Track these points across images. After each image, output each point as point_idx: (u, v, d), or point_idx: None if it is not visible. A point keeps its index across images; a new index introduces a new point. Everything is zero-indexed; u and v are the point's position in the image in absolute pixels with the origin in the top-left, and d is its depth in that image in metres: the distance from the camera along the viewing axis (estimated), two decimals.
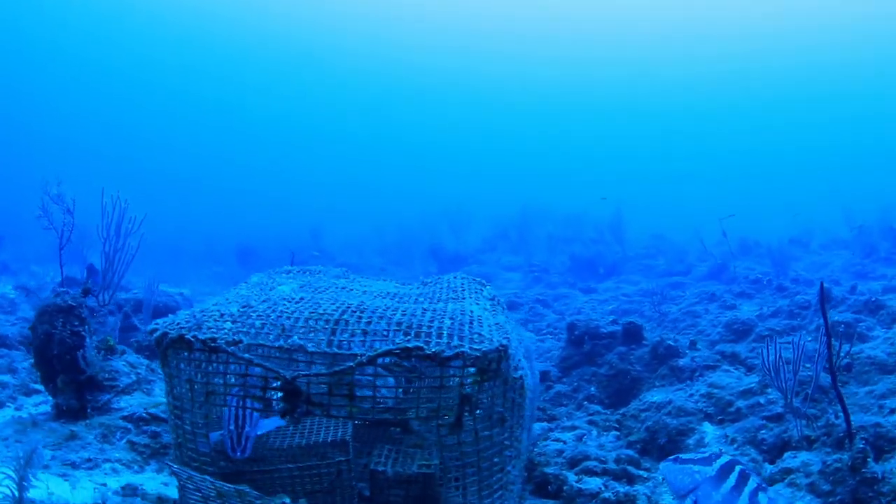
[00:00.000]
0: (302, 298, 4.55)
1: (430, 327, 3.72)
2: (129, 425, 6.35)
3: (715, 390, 6.78)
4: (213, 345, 3.90)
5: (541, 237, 24.31)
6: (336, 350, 3.72)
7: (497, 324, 4.02)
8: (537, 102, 77.74)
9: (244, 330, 3.99)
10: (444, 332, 3.65)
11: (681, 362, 7.81)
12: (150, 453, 6.01)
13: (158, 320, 4.23)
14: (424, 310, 4.06)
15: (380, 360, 3.73)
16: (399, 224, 29.28)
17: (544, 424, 7.13)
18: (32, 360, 7.15)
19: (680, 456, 3.74)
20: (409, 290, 5.08)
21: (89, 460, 5.74)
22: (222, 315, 4.23)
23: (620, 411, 7.34)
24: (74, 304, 6.95)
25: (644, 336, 8.60)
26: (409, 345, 3.55)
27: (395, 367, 4.36)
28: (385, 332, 3.74)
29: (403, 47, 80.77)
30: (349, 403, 3.64)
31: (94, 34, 71.21)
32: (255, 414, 4.25)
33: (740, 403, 6.48)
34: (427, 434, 4.99)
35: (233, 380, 3.91)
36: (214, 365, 3.96)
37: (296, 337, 3.87)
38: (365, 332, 3.79)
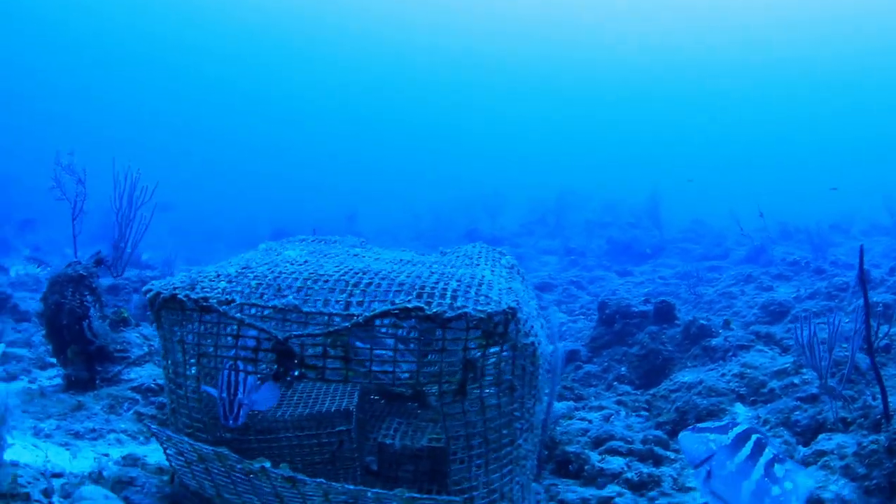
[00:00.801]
0: (306, 262, 4.30)
1: (433, 288, 3.43)
2: (137, 396, 6.17)
3: (748, 370, 6.41)
4: (204, 304, 3.67)
5: (578, 222, 24.08)
6: (332, 310, 3.45)
7: (509, 288, 3.72)
8: (576, 87, 76.92)
9: (238, 290, 3.75)
10: (448, 293, 3.36)
11: (713, 342, 7.43)
12: (157, 424, 5.82)
13: (154, 281, 4.01)
14: (432, 272, 3.77)
15: (392, 333, 3.47)
16: (435, 209, 29.09)
17: (570, 404, 6.82)
18: (44, 332, 7.02)
19: (697, 425, 3.48)
20: (424, 258, 4.80)
21: (93, 430, 5.56)
22: (218, 276, 4.00)
23: (650, 392, 7.02)
24: (85, 274, 6.79)
25: (676, 316, 8.23)
26: (409, 305, 3.27)
27: (402, 335, 4.08)
28: (385, 293, 3.45)
29: (441, 32, 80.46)
30: (344, 367, 3.38)
31: (131, 19, 71.73)
32: (250, 380, 4.00)
33: (774, 384, 6.12)
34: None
35: (225, 341, 3.68)
36: (206, 326, 3.73)
37: (291, 297, 3.61)
38: (364, 293, 3.51)
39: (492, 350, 3.40)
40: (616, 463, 4.93)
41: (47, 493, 3.45)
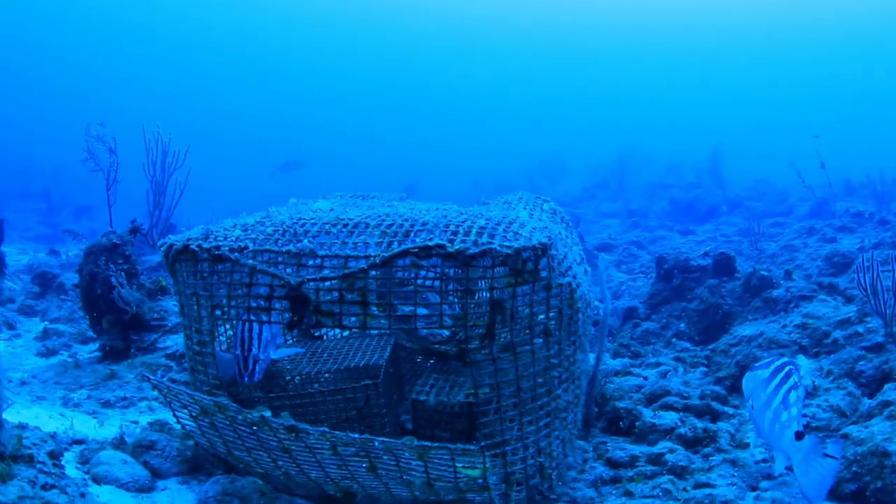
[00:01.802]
0: (332, 209, 4.05)
1: (458, 227, 3.12)
2: (172, 363, 6.03)
3: (810, 320, 5.98)
4: (216, 253, 3.44)
5: (640, 184, 23.52)
6: (350, 252, 3.17)
7: (544, 227, 3.39)
8: (633, 50, 75.36)
9: (252, 237, 3.51)
10: (474, 231, 3.06)
11: (775, 293, 6.98)
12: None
13: (171, 235, 3.80)
14: (461, 213, 3.47)
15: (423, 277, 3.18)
16: (495, 177, 28.67)
17: (626, 360, 6.48)
18: (80, 304, 6.93)
19: (755, 364, 3.54)
20: (461, 208, 4.50)
21: (124, 399, 5.43)
22: (235, 225, 3.77)
23: (710, 347, 6.65)
24: (119, 243, 6.66)
25: (736, 268, 7.78)
26: (430, 243, 2.97)
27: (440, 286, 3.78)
28: (407, 234, 3.16)
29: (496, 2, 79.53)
30: (362, 312, 3.10)
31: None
32: (265, 335, 3.76)
33: (837, 334, 5.68)
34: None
35: (238, 291, 3.44)
36: (219, 275, 3.50)
37: (306, 241, 3.34)
38: (385, 234, 3.22)
39: (523, 290, 3.08)
40: (669, 418, 4.59)
41: (53, 454, 3.27)
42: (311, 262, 3.26)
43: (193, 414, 3.09)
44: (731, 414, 4.99)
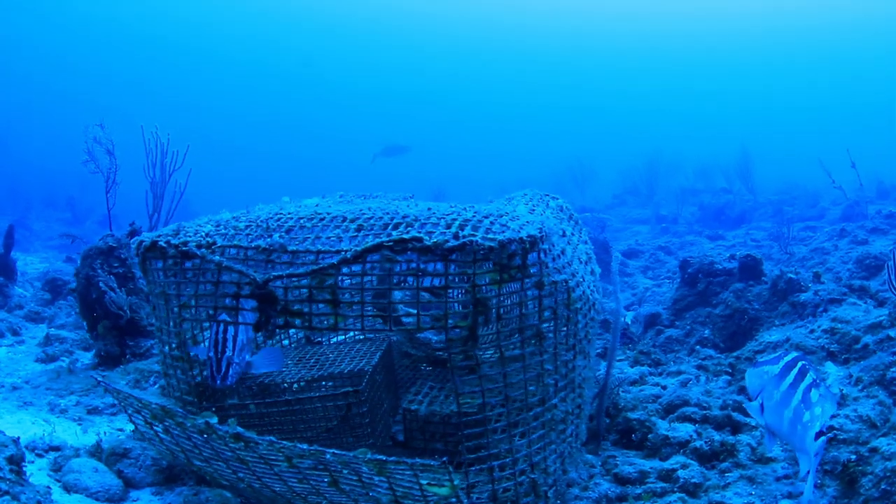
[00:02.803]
0: (317, 205, 3.78)
1: (440, 219, 2.83)
2: None
3: (839, 325, 5.58)
4: (184, 249, 3.18)
5: (671, 190, 23.01)
6: (321, 247, 2.88)
7: (540, 221, 3.08)
8: (664, 54, 74.66)
9: (223, 232, 3.24)
10: (457, 224, 2.75)
11: (803, 297, 6.59)
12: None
13: (146, 233, 3.56)
14: (451, 208, 3.17)
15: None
16: (524, 184, 28.28)
17: (644, 369, 6.13)
18: (78, 309, 6.73)
19: (759, 359, 3.53)
20: (458, 204, 4.21)
21: (113, 405, 5.22)
22: (209, 221, 3.50)
23: (734, 354, 6.28)
24: (115, 245, 6.44)
25: (763, 271, 7.39)
26: (406, 236, 2.67)
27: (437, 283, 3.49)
28: (384, 227, 2.87)
29: (518, 8, 79.22)
30: (333, 312, 2.80)
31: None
32: (241, 336, 3.49)
33: (868, 339, 5.30)
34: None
35: (205, 290, 3.17)
36: (188, 273, 3.24)
37: (276, 236, 3.06)
38: (360, 228, 2.93)
39: (511, 288, 2.77)
40: (684, 430, 4.23)
41: (13, 459, 3.03)
42: (282, 259, 2.99)
43: (146, 420, 2.82)
44: (754, 425, 4.62)
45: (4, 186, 27.28)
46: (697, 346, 7.01)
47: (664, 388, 5.28)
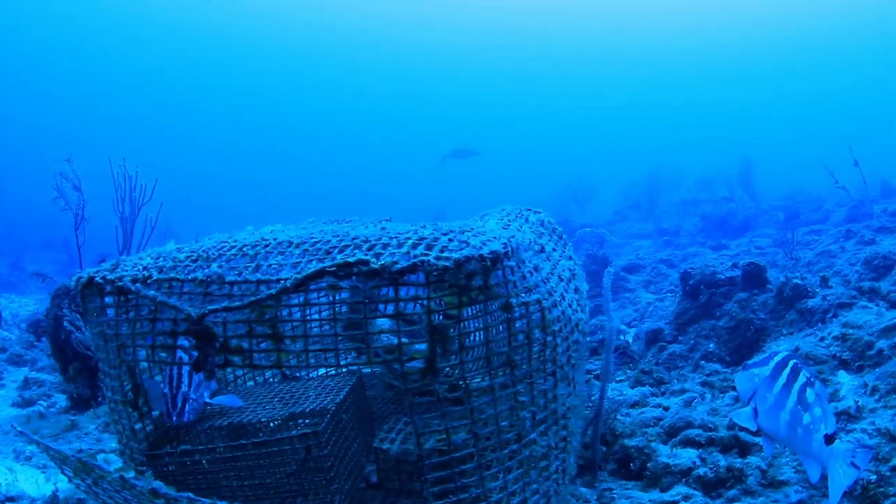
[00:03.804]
0: (272, 231, 3.48)
1: (392, 240, 2.51)
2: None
3: (850, 330, 5.23)
4: (118, 284, 2.88)
5: (672, 203, 22.75)
6: (261, 276, 2.57)
7: (509, 236, 2.76)
8: (659, 68, 74.69)
9: (161, 265, 2.93)
10: (409, 243, 2.43)
11: (810, 303, 6.24)
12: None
13: (87, 268, 3.26)
14: (410, 227, 2.86)
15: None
16: (524, 203, 27.94)
17: (646, 389, 5.77)
18: (49, 350, 6.44)
19: (747, 362, 3.24)
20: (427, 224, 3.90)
21: (80, 451, 4.90)
22: (150, 254, 3.20)
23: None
24: None
25: (767, 278, 7.04)
26: (351, 259, 2.36)
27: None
28: (329, 252, 2.55)
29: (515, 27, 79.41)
30: (275, 348, 2.49)
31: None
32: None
33: (882, 344, 4.94)
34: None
35: (142, 327, 2.88)
36: (123, 310, 2.94)
37: (215, 266, 2.75)
38: (305, 253, 2.62)
39: (473, 312, 2.45)
40: (687, 457, 3.89)
41: None
42: (220, 291, 2.68)
43: (72, 474, 2.51)
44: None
45: (1, 228, 27.10)
46: (702, 362, 6.66)
47: (666, 409, 4.93)
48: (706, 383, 5.85)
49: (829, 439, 2.85)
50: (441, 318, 2.35)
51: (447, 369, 2.45)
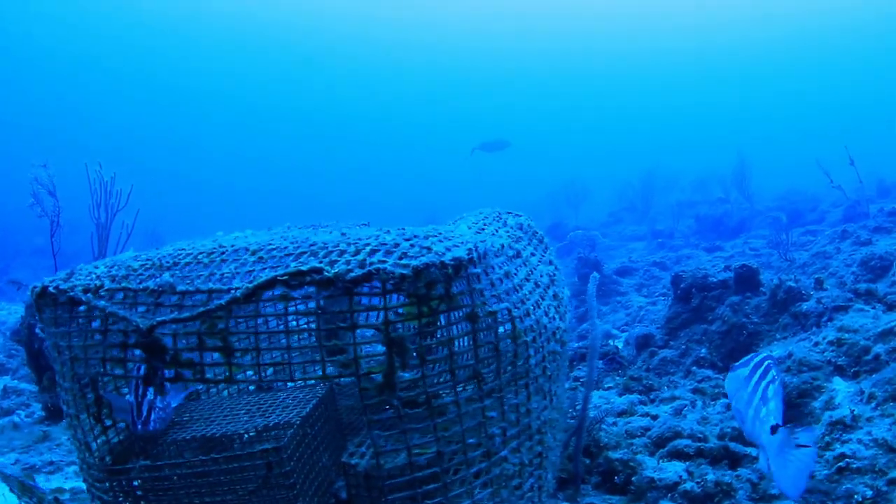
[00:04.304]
0: (235, 237, 3.32)
1: (349, 245, 2.36)
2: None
3: (846, 335, 5.06)
4: (70, 294, 2.74)
5: (667, 205, 22.58)
6: (213, 286, 2.42)
7: (479, 240, 2.61)
8: (652, 70, 74.60)
9: (114, 273, 2.78)
10: (367, 249, 2.28)
11: (804, 306, 6.08)
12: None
13: (46, 277, 3.11)
14: (372, 234, 2.71)
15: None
16: (517, 206, 27.78)
17: (634, 397, 5.62)
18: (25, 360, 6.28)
19: (734, 364, 3.31)
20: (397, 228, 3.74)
21: (52, 463, 4.80)
22: (106, 262, 3.05)
23: None
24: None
25: (761, 281, 6.88)
26: (304, 267, 2.21)
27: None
28: (282, 259, 2.40)
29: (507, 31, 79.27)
30: (226, 362, 2.34)
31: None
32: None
33: (879, 348, 4.78)
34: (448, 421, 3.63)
35: (94, 339, 2.74)
36: (77, 321, 2.80)
37: (167, 275, 2.61)
38: (261, 261, 2.47)
39: (435, 323, 2.30)
40: (674, 470, 3.73)
41: None
42: (170, 301, 2.53)
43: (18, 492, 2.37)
44: (756, 456, 4.12)
45: None
46: (694, 367, 6.51)
47: (655, 418, 4.78)
48: (697, 390, 5.71)
49: (774, 429, 2.97)
50: (401, 329, 2.19)
51: (409, 384, 2.29)
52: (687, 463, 3.87)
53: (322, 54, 78.81)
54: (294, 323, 3.37)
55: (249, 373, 3.24)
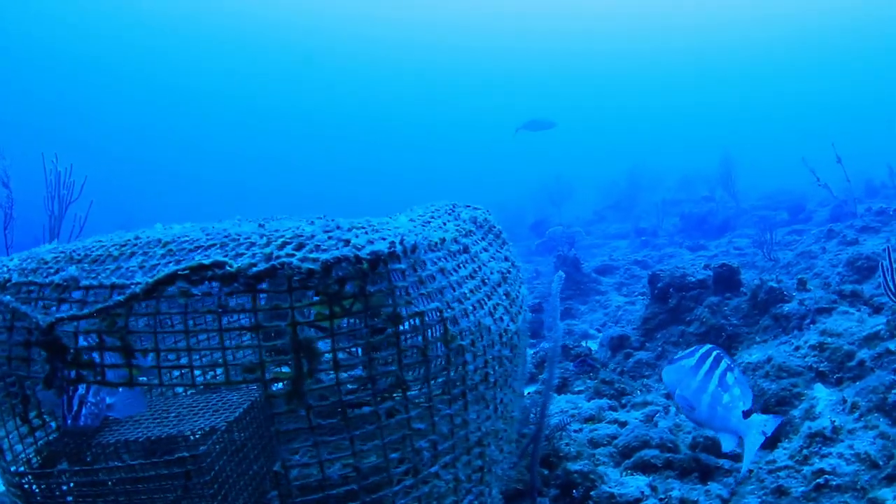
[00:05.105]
0: (164, 230, 3.10)
1: (262, 237, 2.15)
2: None
3: (829, 339, 4.83)
4: None
5: (653, 203, 22.34)
6: (116, 280, 2.21)
7: (409, 232, 2.40)
8: (639, 68, 74.44)
9: (24, 266, 2.58)
10: (278, 241, 2.07)
11: (786, 308, 5.85)
12: None
13: None
14: (295, 224, 2.49)
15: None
16: (501, 204, 27.60)
17: (603, 402, 5.40)
18: None
19: (673, 357, 3.57)
20: (348, 220, 3.51)
21: None
22: (21, 255, 2.85)
23: None
24: None
25: (741, 281, 6.65)
26: (206, 261, 1.99)
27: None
28: (190, 252, 2.19)
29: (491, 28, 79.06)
30: (126, 363, 2.13)
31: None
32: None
33: (863, 354, 4.56)
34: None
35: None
36: None
37: (73, 268, 2.39)
38: (170, 253, 2.26)
39: (351, 323, 2.09)
40: (635, 485, 3.52)
41: None
42: (74, 296, 2.32)
43: None
44: (728, 469, 3.92)
45: None
46: None
47: (623, 424, 4.55)
48: (671, 395, 5.49)
49: (747, 414, 3.20)
50: (310, 331, 1.98)
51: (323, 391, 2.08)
52: (652, 476, 3.66)
53: (322, 53, 78.52)
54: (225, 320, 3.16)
55: (175, 374, 3.03)
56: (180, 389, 3.66)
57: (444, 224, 3.07)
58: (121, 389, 3.32)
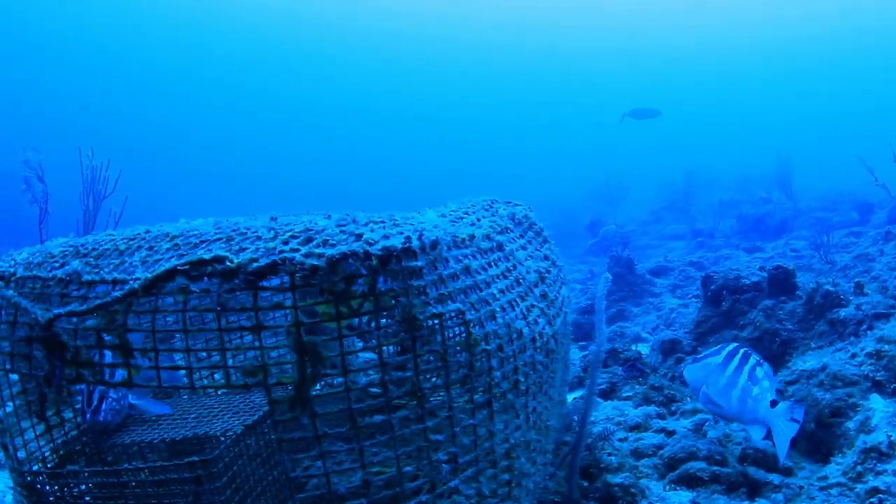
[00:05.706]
0: (180, 225, 2.99)
1: (270, 231, 2.00)
2: None
3: (886, 346, 4.54)
4: None
5: (710, 204, 21.87)
6: (118, 276, 2.08)
7: (420, 230, 2.22)
8: (697, 68, 73.28)
9: (31, 260, 2.48)
10: (285, 236, 1.92)
11: (843, 313, 5.54)
12: None
13: None
14: (309, 219, 2.35)
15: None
16: (557, 204, 27.32)
17: (651, 409, 5.16)
18: None
19: (696, 356, 3.65)
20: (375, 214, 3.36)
21: None
22: (32, 248, 2.76)
23: None
24: None
25: (796, 284, 6.33)
26: (206, 256, 1.85)
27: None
28: (195, 247, 2.05)
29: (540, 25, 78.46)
30: (124, 362, 2.00)
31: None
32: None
33: None
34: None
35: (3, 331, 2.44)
36: None
37: (76, 262, 2.28)
38: (176, 247, 2.13)
39: (362, 324, 1.92)
40: (678, 500, 3.30)
41: None
42: (77, 292, 2.20)
43: None
44: (778, 485, 3.67)
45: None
46: None
47: (671, 434, 4.32)
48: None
49: (773, 404, 3.32)
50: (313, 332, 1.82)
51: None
52: (697, 491, 3.44)
53: (368, 50, 78.80)
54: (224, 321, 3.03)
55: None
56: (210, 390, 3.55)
57: (478, 220, 2.89)
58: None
